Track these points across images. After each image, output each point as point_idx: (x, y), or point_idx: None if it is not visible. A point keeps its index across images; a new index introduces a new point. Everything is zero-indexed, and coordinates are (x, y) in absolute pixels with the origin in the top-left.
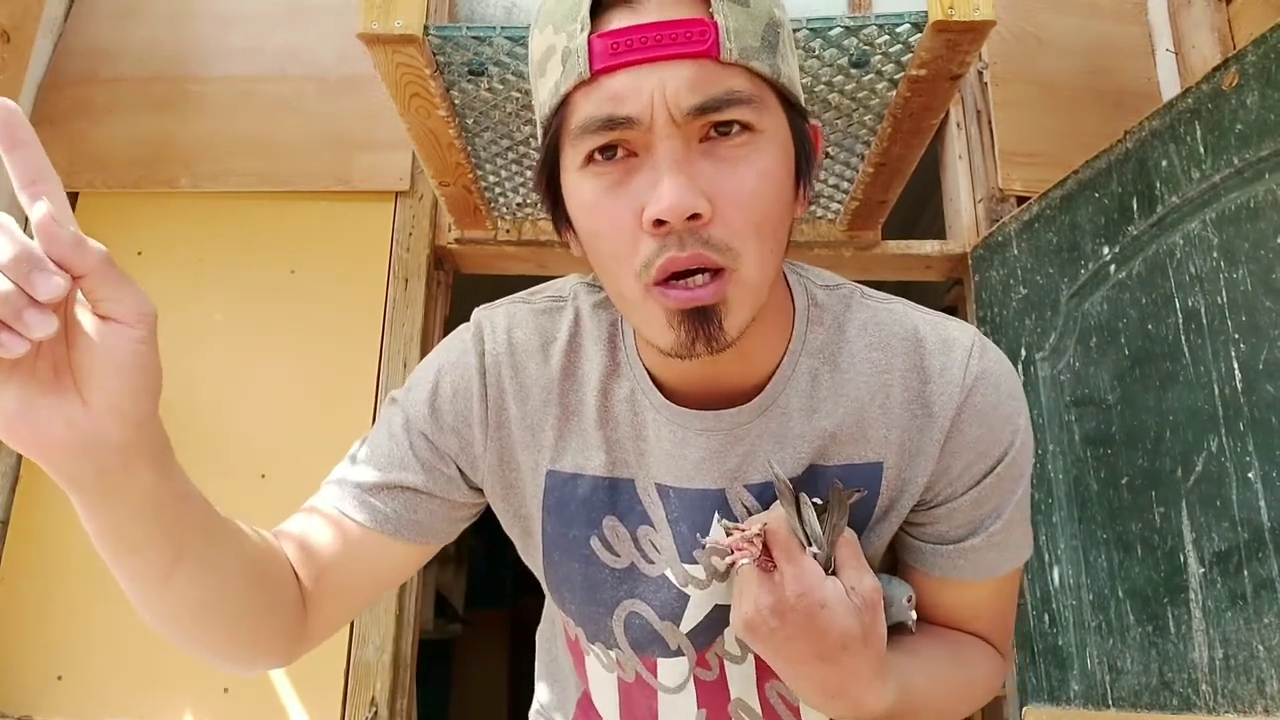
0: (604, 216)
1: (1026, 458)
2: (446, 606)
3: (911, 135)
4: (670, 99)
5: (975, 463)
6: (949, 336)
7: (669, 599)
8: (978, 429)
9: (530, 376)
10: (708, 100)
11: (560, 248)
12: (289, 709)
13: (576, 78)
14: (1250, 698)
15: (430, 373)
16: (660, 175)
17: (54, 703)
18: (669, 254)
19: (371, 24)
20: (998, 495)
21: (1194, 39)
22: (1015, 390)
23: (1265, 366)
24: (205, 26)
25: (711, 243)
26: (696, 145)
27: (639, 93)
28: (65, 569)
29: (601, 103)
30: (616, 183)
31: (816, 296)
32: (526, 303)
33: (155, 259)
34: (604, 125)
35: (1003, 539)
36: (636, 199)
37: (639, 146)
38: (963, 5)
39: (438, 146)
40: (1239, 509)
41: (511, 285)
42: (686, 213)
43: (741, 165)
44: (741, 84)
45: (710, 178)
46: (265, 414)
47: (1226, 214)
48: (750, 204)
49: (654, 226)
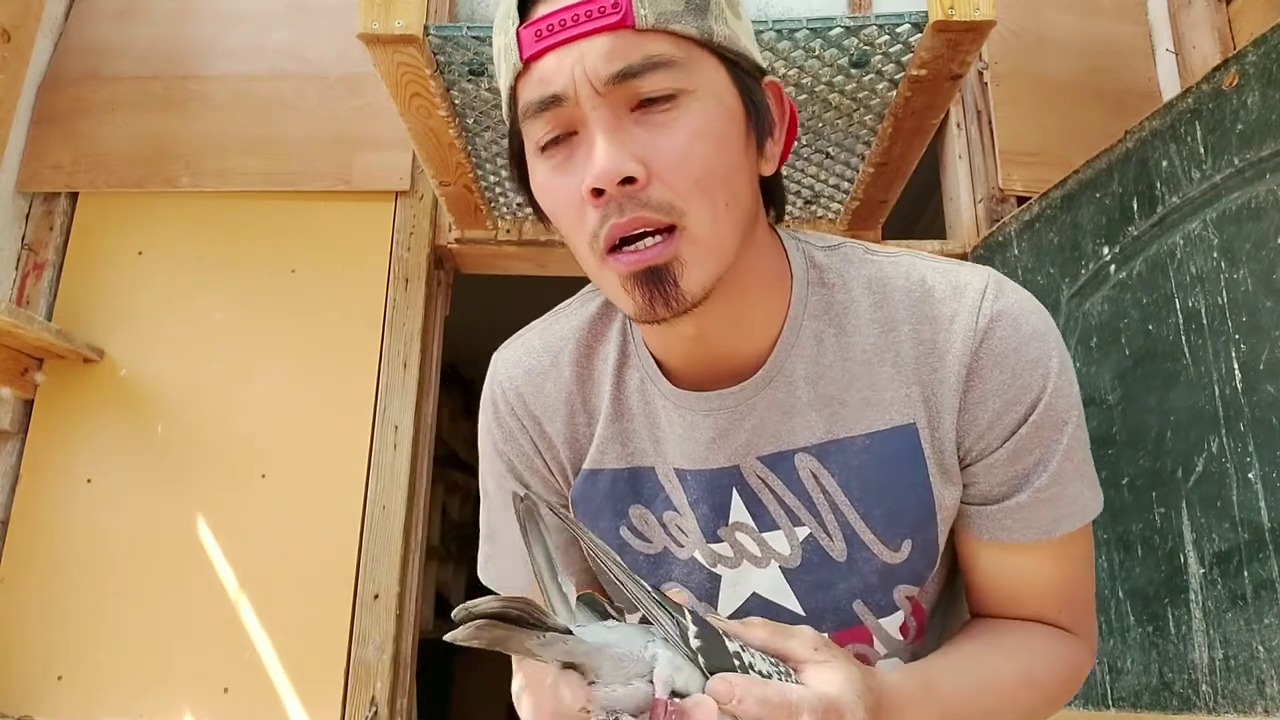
0: (555, 194)
1: (1066, 403)
2: (446, 606)
3: (912, 135)
4: (590, 71)
5: (1005, 412)
6: (960, 282)
7: (702, 580)
8: (1000, 374)
9: (549, 395)
10: (625, 67)
11: (560, 247)
12: (289, 709)
13: (513, 69)
14: (1250, 698)
15: (485, 440)
16: (592, 146)
17: (54, 703)
18: (611, 221)
19: (371, 24)
20: (1038, 446)
21: (1194, 39)
22: (1042, 330)
23: (1266, 366)
24: (206, 26)
25: (651, 204)
26: (628, 115)
27: (561, 70)
28: (65, 569)
29: (534, 87)
30: (564, 161)
31: (815, 258)
32: (530, 330)
33: (155, 259)
34: (539, 107)
35: (1054, 494)
36: (577, 174)
37: (576, 124)
38: (963, 5)
39: (438, 146)
40: (1239, 509)
41: (511, 285)
42: (618, 176)
43: (674, 126)
44: (662, 48)
45: (643, 142)
46: (265, 414)
47: (1227, 214)
48: (687, 161)
49: (592, 196)
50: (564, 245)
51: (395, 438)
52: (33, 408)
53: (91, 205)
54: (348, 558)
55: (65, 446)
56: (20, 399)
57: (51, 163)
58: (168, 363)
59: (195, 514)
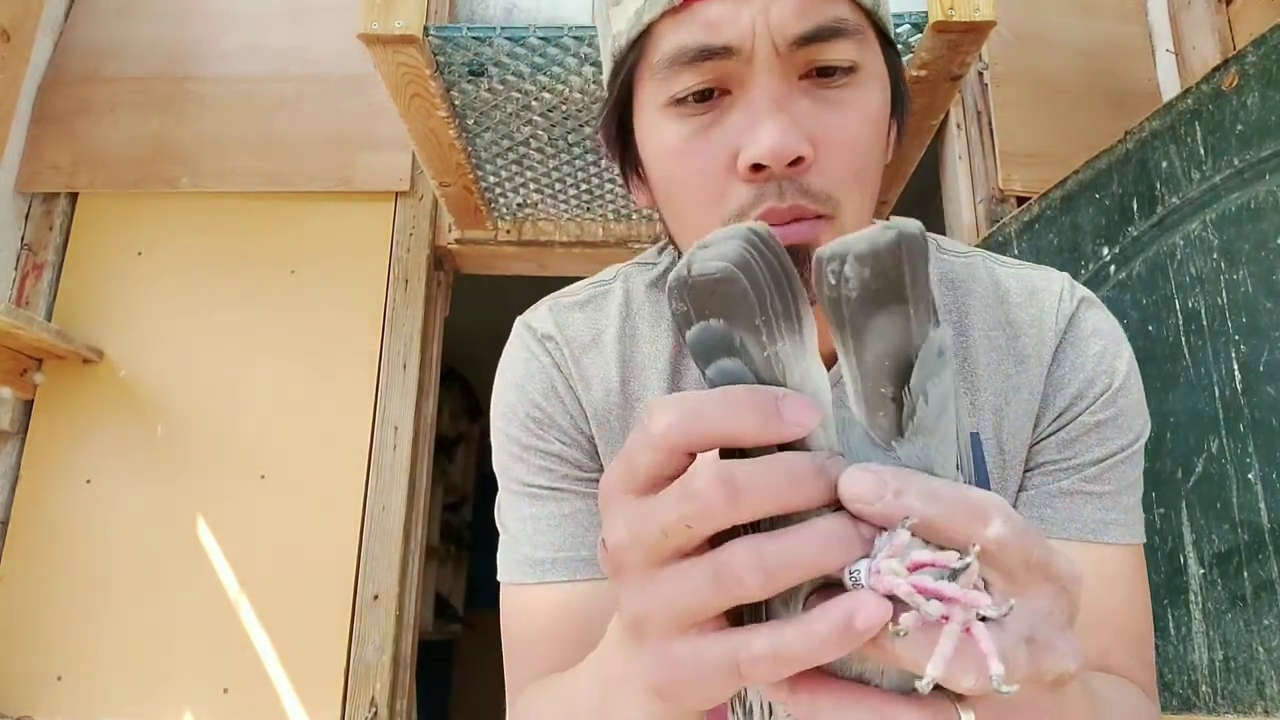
0: (690, 160)
1: (1132, 411)
2: (446, 606)
3: (912, 136)
4: (774, 26)
5: (1069, 406)
6: (1035, 285)
7: None
8: (1081, 356)
9: (588, 370)
10: (816, 28)
11: (561, 248)
12: (289, 709)
13: (666, 3)
14: (1250, 699)
15: (511, 393)
16: (758, 114)
17: (54, 703)
18: (767, 203)
19: (371, 24)
20: (1095, 440)
21: (1194, 39)
22: (1117, 328)
23: (1266, 368)
24: (206, 26)
25: (811, 191)
26: (796, 83)
27: (739, 19)
28: (65, 569)
29: (695, 31)
30: (711, 123)
31: None
32: (567, 296)
33: (155, 259)
34: (697, 56)
35: (1103, 491)
36: (728, 141)
37: (733, 82)
38: (963, 6)
39: (438, 146)
40: (1239, 510)
41: (511, 285)
42: (789, 156)
43: (846, 107)
44: (846, 12)
45: (813, 119)
46: (265, 414)
47: (1227, 215)
48: (853, 149)
49: (751, 171)
50: (564, 245)
51: (395, 438)
52: (32, 408)
53: (91, 205)
54: (347, 558)
55: (65, 447)
56: (20, 399)
57: (51, 163)
58: (168, 363)
59: (195, 514)
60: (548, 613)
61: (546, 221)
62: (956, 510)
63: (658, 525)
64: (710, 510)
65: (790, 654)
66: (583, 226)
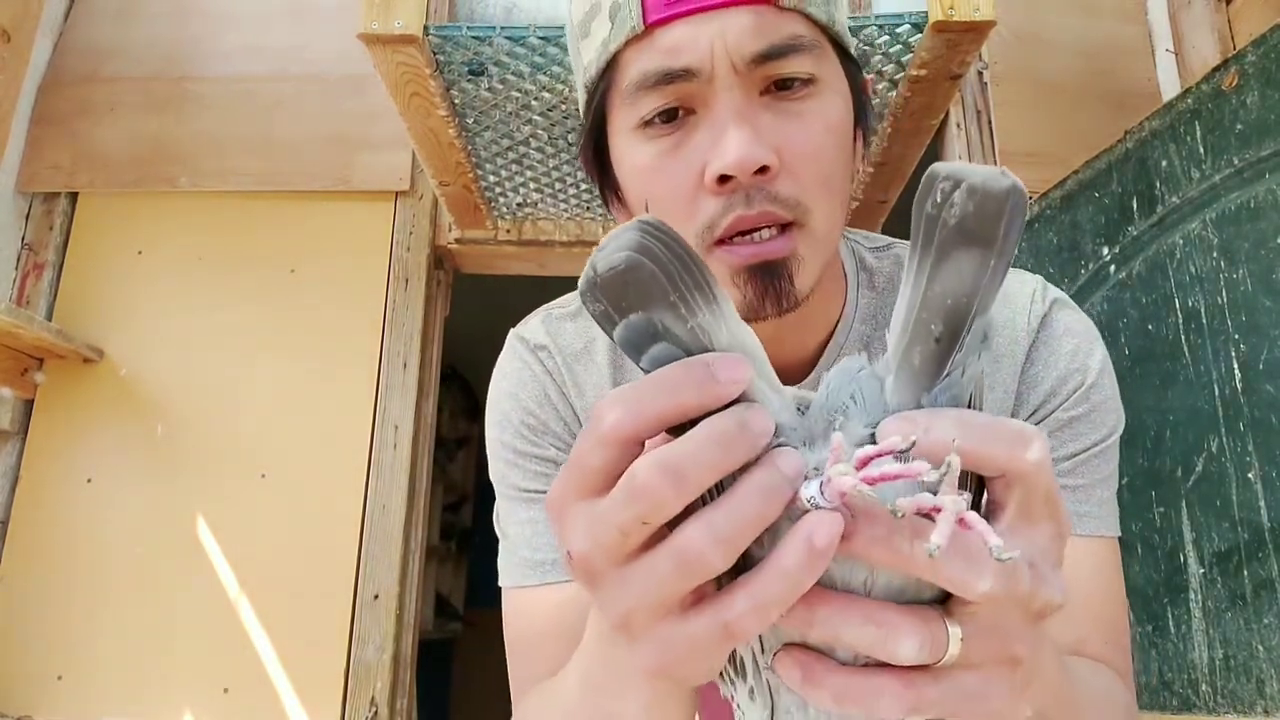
0: (662, 179)
1: (1105, 407)
2: (446, 606)
3: (911, 135)
4: (732, 47)
5: (1043, 403)
6: (1008, 289)
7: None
8: (1053, 354)
9: (581, 377)
10: (771, 46)
11: (561, 247)
12: (289, 709)
13: (629, 32)
14: (1250, 698)
15: (505, 401)
16: (723, 129)
17: (54, 703)
18: (736, 212)
19: (371, 24)
20: (1069, 435)
21: (1194, 39)
22: (1090, 326)
23: (1265, 366)
24: (205, 26)
25: (779, 198)
26: (758, 99)
27: (697, 42)
28: (65, 569)
29: (656, 57)
30: (679, 143)
31: (865, 260)
32: (559, 308)
33: (155, 259)
34: (660, 79)
35: (1076, 485)
36: (695, 158)
37: (697, 102)
38: (963, 5)
39: (438, 146)
40: (1239, 509)
41: (511, 285)
42: (754, 165)
43: (807, 116)
44: (802, 29)
45: (775, 130)
46: (265, 414)
47: (1227, 214)
48: (818, 156)
49: (718, 184)
50: (564, 245)
51: (395, 438)
52: (33, 408)
53: (91, 205)
54: (347, 558)
55: (65, 446)
56: (20, 399)
57: (51, 163)
58: (168, 363)
59: (195, 514)
60: (549, 613)
61: (546, 221)
62: (997, 434)
63: (615, 527)
64: (662, 503)
65: (771, 598)
66: (583, 226)
